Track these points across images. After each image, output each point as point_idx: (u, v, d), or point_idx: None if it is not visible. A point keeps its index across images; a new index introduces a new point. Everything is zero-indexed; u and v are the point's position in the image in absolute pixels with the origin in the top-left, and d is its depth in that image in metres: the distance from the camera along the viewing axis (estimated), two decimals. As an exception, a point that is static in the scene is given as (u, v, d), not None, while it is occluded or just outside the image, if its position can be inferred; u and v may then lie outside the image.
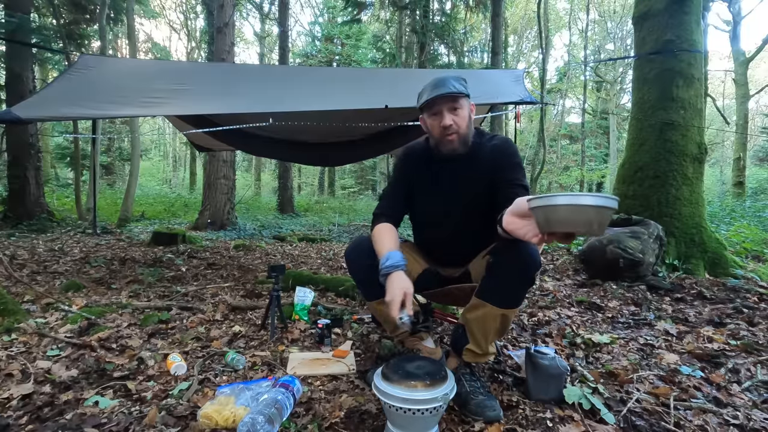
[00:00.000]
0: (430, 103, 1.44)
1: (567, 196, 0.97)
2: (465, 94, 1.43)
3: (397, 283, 1.26)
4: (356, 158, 7.19)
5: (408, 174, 1.59)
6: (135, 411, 1.32)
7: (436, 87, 1.41)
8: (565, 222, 0.97)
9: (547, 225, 1.01)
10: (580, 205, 0.95)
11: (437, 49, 14.01)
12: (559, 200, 0.97)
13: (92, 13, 9.19)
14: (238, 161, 14.59)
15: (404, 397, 1.08)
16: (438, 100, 1.41)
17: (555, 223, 0.98)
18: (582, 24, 21.81)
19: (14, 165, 6.71)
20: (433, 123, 1.47)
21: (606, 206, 0.95)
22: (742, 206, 8.82)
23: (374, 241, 1.45)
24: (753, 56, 12.40)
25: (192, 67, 5.45)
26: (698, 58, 3.63)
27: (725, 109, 17.95)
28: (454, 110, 1.43)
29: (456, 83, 1.41)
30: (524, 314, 2.43)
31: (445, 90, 1.39)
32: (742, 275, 3.21)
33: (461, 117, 1.44)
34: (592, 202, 0.95)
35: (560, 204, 0.97)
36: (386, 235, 1.44)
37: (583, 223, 0.95)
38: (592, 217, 0.94)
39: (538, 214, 1.03)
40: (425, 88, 1.45)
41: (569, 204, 0.96)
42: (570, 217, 0.96)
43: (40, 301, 2.46)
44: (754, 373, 1.63)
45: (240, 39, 23.39)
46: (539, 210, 1.02)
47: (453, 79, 1.42)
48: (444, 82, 1.41)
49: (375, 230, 1.49)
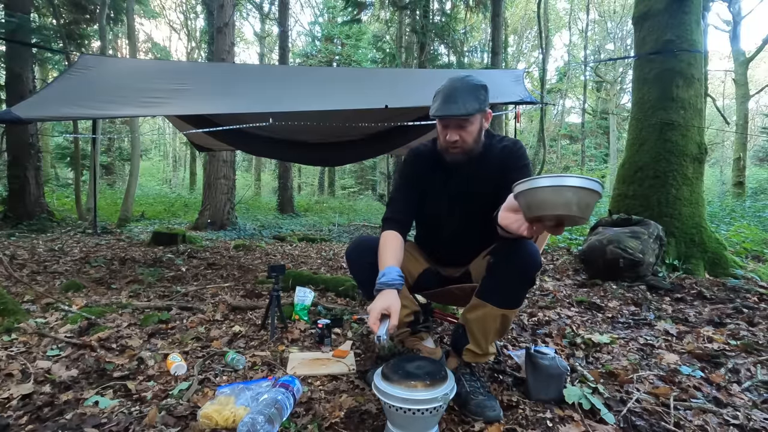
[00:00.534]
0: (438, 116, 1.39)
1: (545, 178, 0.97)
2: (476, 113, 1.36)
3: (381, 301, 1.21)
4: (356, 158, 7.19)
5: (418, 175, 1.56)
6: (135, 411, 1.32)
7: (446, 102, 1.34)
8: (544, 204, 0.97)
9: (529, 210, 1.01)
10: (556, 186, 0.95)
11: (437, 49, 14.00)
12: (537, 183, 0.97)
13: (92, 13, 9.20)
14: (238, 161, 14.59)
15: (404, 397, 1.08)
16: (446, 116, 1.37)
17: (535, 207, 0.99)
18: (582, 24, 21.84)
19: (14, 165, 6.72)
20: (441, 132, 1.44)
21: (584, 187, 0.94)
22: (742, 206, 8.82)
23: (379, 249, 1.42)
24: (753, 56, 12.40)
25: (192, 67, 5.45)
26: (698, 58, 3.63)
27: (725, 109, 17.96)
28: (463, 127, 1.38)
29: (469, 100, 1.33)
30: (524, 314, 2.43)
31: (454, 111, 1.33)
32: (742, 275, 3.21)
33: (469, 132, 1.39)
34: (570, 182, 0.94)
35: (538, 186, 0.97)
36: (390, 246, 1.41)
37: (562, 204, 0.94)
38: (570, 198, 0.94)
39: (521, 201, 1.04)
40: (438, 94, 1.39)
41: (546, 186, 0.96)
42: (548, 198, 0.96)
43: (40, 301, 2.46)
44: (754, 373, 1.63)
45: (240, 39, 23.40)
46: (521, 196, 1.02)
47: (468, 93, 1.34)
48: (455, 100, 1.33)
49: (381, 238, 1.45)
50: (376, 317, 1.18)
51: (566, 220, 0.98)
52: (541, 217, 1.00)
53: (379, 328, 1.17)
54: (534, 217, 1.01)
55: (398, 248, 1.41)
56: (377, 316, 1.18)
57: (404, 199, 1.55)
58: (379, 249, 1.41)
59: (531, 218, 1.02)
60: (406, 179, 1.58)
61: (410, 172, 1.58)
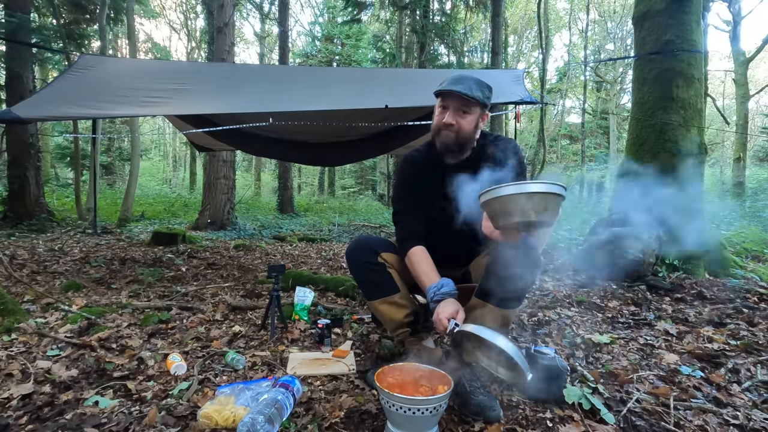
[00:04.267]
0: (443, 94, 1.43)
1: (502, 187, 0.97)
2: (479, 102, 1.40)
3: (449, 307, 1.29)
4: (356, 158, 7.19)
5: (416, 181, 1.57)
6: (135, 411, 1.32)
7: (455, 82, 1.40)
8: (503, 213, 0.97)
9: (494, 220, 1.01)
10: (510, 195, 0.95)
11: (437, 49, 14.00)
12: (493, 193, 0.97)
13: (92, 13, 9.19)
14: (238, 161, 14.58)
15: (405, 396, 1.08)
16: (450, 94, 1.40)
17: (496, 216, 0.99)
18: (582, 24, 21.82)
19: (14, 165, 6.71)
20: (438, 114, 1.47)
21: (539, 191, 0.94)
22: (742, 206, 8.82)
23: (416, 266, 1.45)
24: (753, 56, 12.41)
25: (192, 67, 5.45)
26: (698, 58, 3.63)
27: (725, 109, 17.95)
28: (462, 111, 1.41)
29: (475, 88, 1.39)
30: (524, 314, 2.43)
31: (459, 89, 1.37)
32: (742, 275, 3.21)
33: (466, 120, 1.42)
34: (522, 189, 0.94)
35: (494, 197, 0.97)
36: (425, 261, 1.46)
37: (519, 211, 0.94)
38: (524, 205, 0.94)
39: (486, 211, 1.04)
40: (449, 76, 1.44)
41: (498, 196, 0.96)
42: (505, 207, 0.96)
43: (40, 301, 2.46)
44: (754, 373, 1.63)
45: (240, 39, 23.37)
46: (484, 207, 1.03)
47: (475, 83, 1.40)
48: (464, 81, 1.39)
49: (412, 256, 1.47)
50: (446, 319, 1.26)
51: (530, 225, 0.98)
52: (504, 226, 1.00)
53: (449, 323, 1.24)
54: (498, 225, 1.01)
55: (431, 261, 1.46)
56: (447, 318, 1.26)
57: (412, 211, 1.56)
58: (416, 267, 1.46)
59: (496, 227, 1.02)
60: (407, 187, 1.59)
61: (410, 178, 1.59)
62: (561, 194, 0.95)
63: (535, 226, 0.99)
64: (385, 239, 1.64)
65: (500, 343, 1.03)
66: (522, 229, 1.01)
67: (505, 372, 1.21)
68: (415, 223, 1.54)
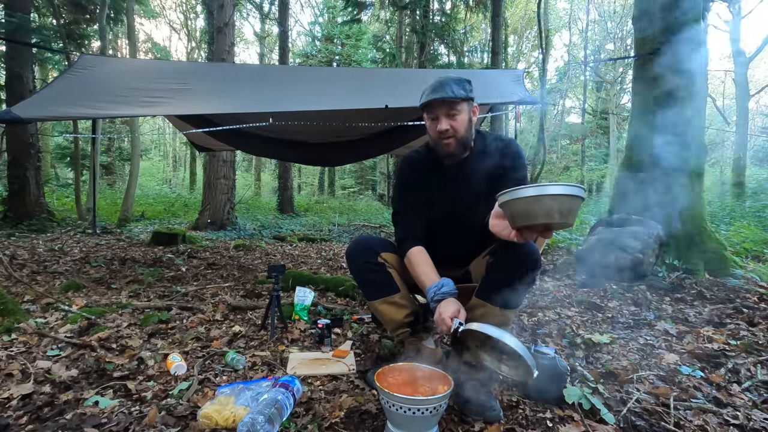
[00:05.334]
0: (427, 106, 1.43)
1: (526, 188, 0.98)
2: (464, 98, 1.41)
3: (451, 306, 1.28)
4: (356, 158, 7.19)
5: (416, 183, 1.57)
6: (135, 411, 1.32)
7: (435, 90, 1.40)
8: (526, 214, 0.98)
9: (513, 220, 1.02)
10: (537, 196, 0.96)
11: (437, 49, 14.00)
12: (517, 194, 0.98)
13: (92, 13, 9.19)
14: (238, 161, 14.56)
15: (405, 396, 1.08)
16: (435, 103, 1.41)
17: (518, 217, 1.00)
18: (582, 24, 21.83)
19: (14, 165, 6.71)
20: (431, 126, 1.47)
21: (564, 194, 0.95)
22: (742, 206, 8.81)
23: (415, 266, 1.45)
24: (753, 56, 12.41)
25: (192, 67, 5.45)
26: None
27: (725, 109, 17.95)
28: (452, 115, 1.41)
29: (456, 87, 1.39)
30: (524, 314, 2.43)
31: (441, 95, 1.38)
32: (742, 275, 3.21)
33: (459, 121, 1.42)
34: (549, 191, 0.95)
35: (519, 197, 0.98)
36: (425, 261, 1.46)
37: (544, 213, 0.95)
38: (551, 206, 0.95)
39: (505, 211, 1.04)
40: (426, 88, 1.44)
41: (527, 196, 0.97)
42: (530, 208, 0.97)
43: (40, 301, 2.46)
44: (754, 373, 1.63)
45: (240, 39, 23.37)
46: (505, 207, 1.03)
47: (454, 83, 1.40)
48: (443, 86, 1.39)
49: (411, 256, 1.47)
50: (449, 318, 1.25)
51: (551, 227, 0.99)
52: (526, 226, 1.00)
53: (453, 322, 1.23)
54: (519, 226, 1.02)
55: (430, 261, 1.46)
56: (449, 318, 1.25)
57: (411, 212, 1.56)
58: (415, 267, 1.45)
59: (516, 227, 1.03)
60: (407, 188, 1.59)
61: (409, 180, 1.59)
62: (583, 197, 0.97)
63: (555, 228, 1.01)
64: (385, 239, 1.64)
65: (508, 341, 1.03)
66: (542, 230, 1.02)
67: (509, 370, 1.21)
68: (415, 224, 1.54)
